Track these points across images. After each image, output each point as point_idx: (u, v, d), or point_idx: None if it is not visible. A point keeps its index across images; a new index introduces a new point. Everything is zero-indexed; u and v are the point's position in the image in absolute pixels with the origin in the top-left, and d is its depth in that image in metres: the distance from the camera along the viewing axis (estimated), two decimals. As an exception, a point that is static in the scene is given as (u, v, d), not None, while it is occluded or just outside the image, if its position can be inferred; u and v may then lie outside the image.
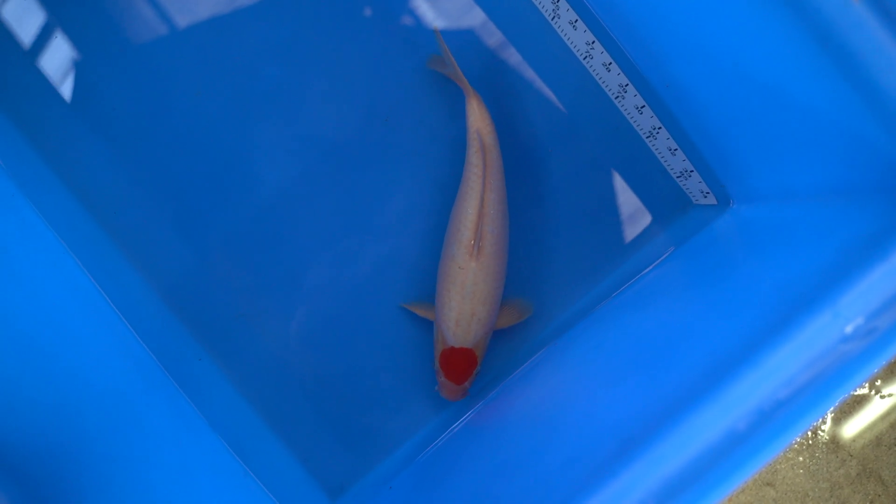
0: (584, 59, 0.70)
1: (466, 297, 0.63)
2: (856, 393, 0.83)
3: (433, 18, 0.71)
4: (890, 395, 0.82)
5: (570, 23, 0.68)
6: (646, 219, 0.72)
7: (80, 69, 0.70)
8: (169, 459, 0.54)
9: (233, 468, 0.61)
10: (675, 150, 0.68)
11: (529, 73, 0.71)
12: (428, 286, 0.71)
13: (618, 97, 0.70)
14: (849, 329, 0.35)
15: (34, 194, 0.64)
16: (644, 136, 0.70)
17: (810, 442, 0.81)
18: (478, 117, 0.65)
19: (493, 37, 0.71)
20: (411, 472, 0.62)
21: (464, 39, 0.71)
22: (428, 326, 0.71)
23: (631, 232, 0.72)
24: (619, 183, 0.72)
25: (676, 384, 0.38)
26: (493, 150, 0.65)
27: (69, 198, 0.69)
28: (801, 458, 0.81)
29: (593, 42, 0.68)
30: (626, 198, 0.72)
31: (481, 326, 0.64)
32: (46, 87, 0.69)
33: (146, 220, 0.71)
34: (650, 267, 0.67)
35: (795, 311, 0.37)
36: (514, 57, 0.71)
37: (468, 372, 0.65)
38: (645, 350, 0.45)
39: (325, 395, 0.72)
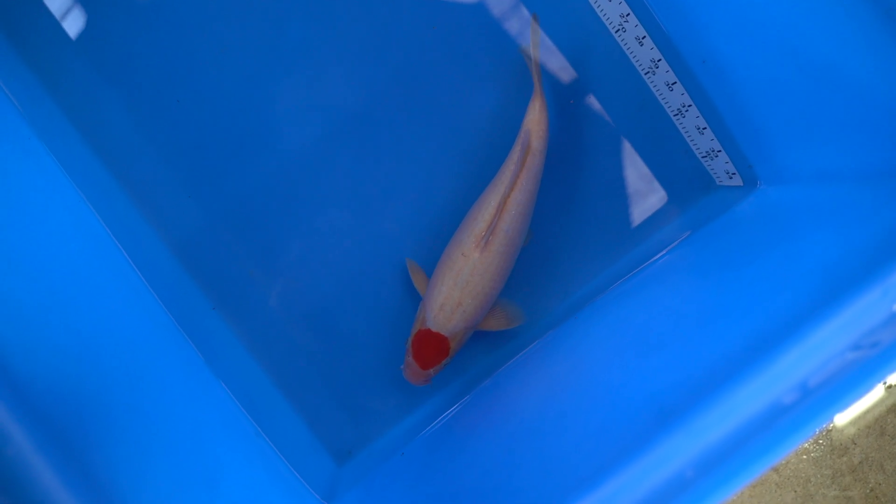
0: (616, 31, 0.68)
1: (458, 286, 0.62)
2: (860, 383, 0.83)
3: (465, -18, 0.69)
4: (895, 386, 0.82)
5: (606, -7, 0.67)
6: (666, 198, 0.71)
7: (103, 19, 0.68)
8: (184, 415, 0.53)
9: (245, 428, 0.61)
10: (704, 128, 0.67)
11: (553, 44, 0.70)
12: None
13: (648, 73, 0.69)
14: (897, 308, 0.35)
15: (51, 141, 0.62)
16: (671, 114, 0.69)
17: (815, 429, 0.82)
18: (535, 119, 0.64)
19: (520, 9, 0.69)
20: (425, 439, 0.62)
21: (490, 4, 0.69)
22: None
23: (649, 211, 0.71)
24: (640, 161, 0.71)
25: (716, 358, 0.38)
26: (538, 155, 0.64)
27: (84, 146, 0.67)
28: (804, 445, 0.82)
29: (628, 14, 0.67)
30: (646, 176, 0.71)
31: (464, 319, 0.63)
32: (68, 37, 0.68)
33: (160, 172, 0.70)
34: (672, 245, 0.66)
35: (840, 291, 0.37)
36: (541, 29, 0.70)
37: (436, 360, 0.63)
38: (678, 324, 0.45)
39: (334, 360, 0.72)
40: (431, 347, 0.63)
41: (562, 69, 0.70)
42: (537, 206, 0.68)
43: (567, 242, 0.71)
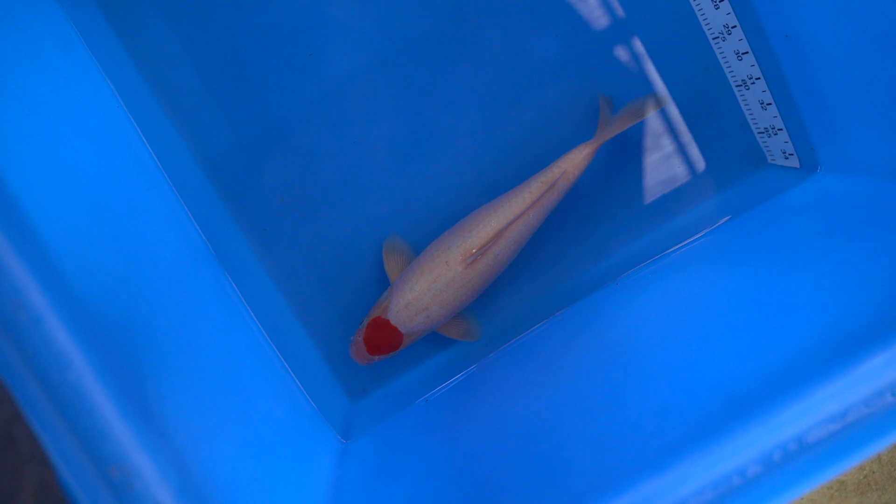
0: (691, -10, 0.65)
1: (431, 291, 0.61)
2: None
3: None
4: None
5: (689, -52, 0.63)
6: (711, 169, 0.69)
7: None
8: (219, 344, 0.52)
9: (272, 361, 0.60)
10: (769, 104, 0.65)
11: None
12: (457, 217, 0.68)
13: (717, 38, 0.66)
14: None
15: (91, 41, 0.59)
16: (734, 85, 0.67)
17: (820, 413, 0.83)
18: (576, 162, 0.63)
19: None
20: (453, 389, 0.62)
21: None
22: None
23: (691, 178, 0.69)
24: (689, 128, 0.69)
25: (793, 353, 0.37)
26: (558, 193, 0.63)
27: (123, 50, 0.64)
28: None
29: (708, -26, 0.63)
30: (693, 144, 0.69)
31: (425, 323, 0.63)
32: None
33: (196, 85, 0.67)
34: (721, 221, 0.65)
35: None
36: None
37: (384, 351, 0.64)
38: (743, 312, 0.44)
39: (352, 297, 0.70)
40: (384, 339, 0.63)
41: (627, 28, 0.67)
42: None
43: (607, 197, 0.69)
